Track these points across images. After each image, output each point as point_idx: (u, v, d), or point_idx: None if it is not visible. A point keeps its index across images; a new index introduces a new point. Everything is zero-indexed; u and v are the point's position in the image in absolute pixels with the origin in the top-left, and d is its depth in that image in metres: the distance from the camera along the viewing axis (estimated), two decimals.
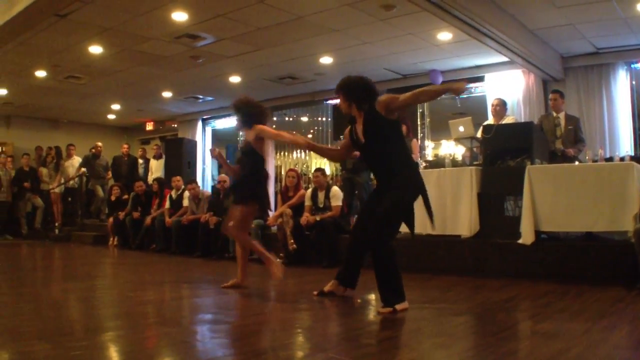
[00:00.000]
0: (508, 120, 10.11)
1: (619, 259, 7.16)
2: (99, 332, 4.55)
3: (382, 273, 5.49)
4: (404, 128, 11.08)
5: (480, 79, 13.52)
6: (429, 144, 15.04)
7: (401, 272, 5.51)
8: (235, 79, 14.87)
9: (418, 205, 5.99)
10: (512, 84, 12.97)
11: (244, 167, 7.03)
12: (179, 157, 16.18)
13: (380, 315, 5.25)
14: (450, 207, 8.67)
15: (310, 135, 17.23)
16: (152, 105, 18.39)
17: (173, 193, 12.88)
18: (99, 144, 17.26)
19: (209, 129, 20.12)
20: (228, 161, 7.64)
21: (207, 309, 6.07)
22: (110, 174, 17.19)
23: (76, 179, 16.69)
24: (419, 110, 14.70)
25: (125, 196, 14.59)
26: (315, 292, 6.36)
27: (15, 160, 17.42)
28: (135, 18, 10.18)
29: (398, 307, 5.34)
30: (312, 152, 17.05)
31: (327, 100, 15.81)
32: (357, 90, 5.82)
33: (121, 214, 13.81)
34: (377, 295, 5.61)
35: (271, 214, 10.32)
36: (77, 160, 16.97)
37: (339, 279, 6.22)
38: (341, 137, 6.84)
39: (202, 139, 19.82)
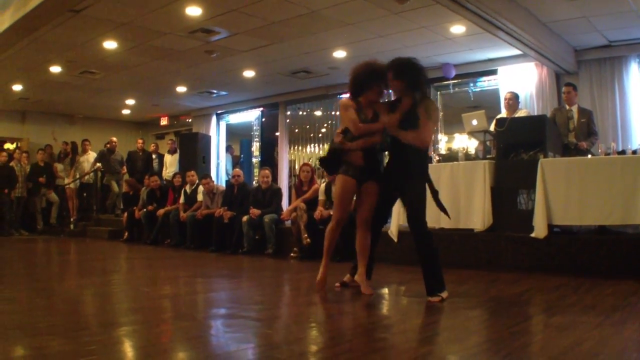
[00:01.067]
0: (521, 113, 10.09)
1: (632, 253, 7.16)
2: (113, 327, 4.58)
3: (428, 264, 5.81)
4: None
5: (493, 72, 13.47)
6: (442, 138, 15.01)
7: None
8: (249, 74, 14.88)
9: (430, 198, 6.05)
10: (525, 77, 12.91)
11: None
12: (194, 151, 16.18)
13: (430, 304, 5.45)
14: (463, 200, 8.68)
15: (323, 130, 17.22)
16: (167, 100, 18.43)
17: (187, 188, 12.93)
18: (114, 139, 17.30)
19: (223, 124, 20.12)
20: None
21: (221, 304, 6.11)
22: (125, 169, 17.26)
23: (91, 174, 16.76)
24: None
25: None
26: (337, 284, 6.44)
27: (30, 156, 17.49)
28: (149, 13, 10.21)
29: (444, 295, 5.61)
30: (325, 147, 17.14)
31: (341, 94, 15.78)
32: (419, 76, 6.01)
33: (136, 211, 13.94)
34: (391, 289, 5.62)
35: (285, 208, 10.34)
36: (92, 155, 17.06)
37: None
38: None
39: (217, 134, 19.82)
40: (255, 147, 19.24)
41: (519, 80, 12.89)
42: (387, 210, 6.68)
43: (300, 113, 18.07)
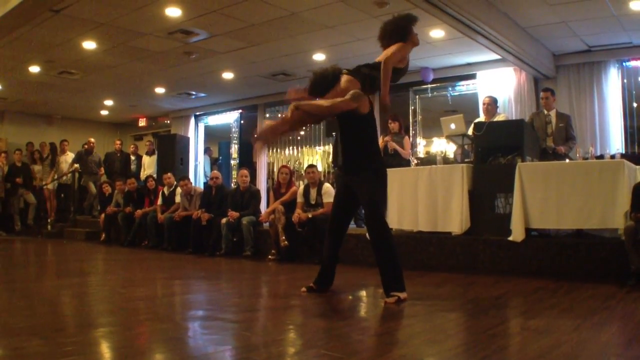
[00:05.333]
0: (499, 118, 10.15)
1: (610, 257, 7.21)
2: (91, 328, 4.55)
3: (385, 261, 5.75)
4: (396, 125, 11.20)
5: (472, 76, 13.55)
6: (420, 141, 15.04)
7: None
8: (228, 75, 14.87)
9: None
10: (503, 81, 12.99)
11: None
12: (172, 153, 16.11)
13: (386, 305, 5.46)
14: (441, 204, 8.70)
15: (302, 132, 17.21)
16: (145, 101, 18.39)
17: (165, 189, 12.88)
18: (92, 140, 17.22)
19: (201, 125, 20.09)
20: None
21: (199, 306, 6.09)
22: (102, 170, 17.15)
23: (69, 175, 16.67)
24: (411, 108, 14.72)
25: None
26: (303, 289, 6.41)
27: (8, 156, 17.35)
28: (129, 13, 10.18)
29: (402, 295, 5.59)
30: (303, 149, 17.14)
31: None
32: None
33: (109, 210, 13.92)
34: (368, 291, 5.63)
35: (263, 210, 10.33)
36: (70, 156, 16.96)
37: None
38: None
39: (195, 136, 19.80)
40: (234, 149, 19.21)
41: (498, 85, 12.97)
42: (348, 212, 6.64)
43: (279, 115, 18.04)
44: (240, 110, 18.53)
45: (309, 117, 6.09)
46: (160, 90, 16.68)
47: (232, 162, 19.22)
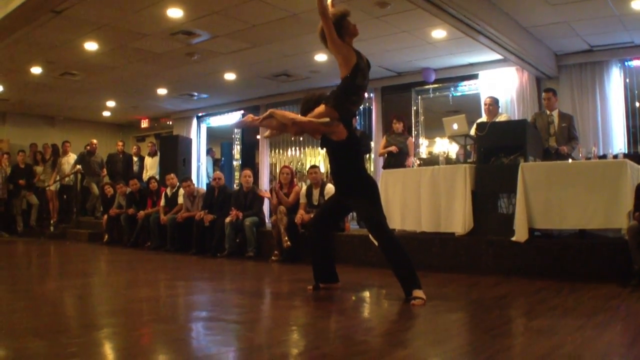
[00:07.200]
0: (501, 118, 10.14)
1: (613, 256, 7.19)
2: (94, 329, 4.56)
3: (400, 265, 5.86)
4: (400, 125, 11.21)
5: (474, 76, 13.53)
6: (423, 142, 15.05)
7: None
8: (230, 76, 14.87)
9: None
10: (505, 81, 12.97)
11: None
12: (174, 154, 16.11)
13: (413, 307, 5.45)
14: (444, 204, 8.69)
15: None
16: (147, 102, 18.38)
17: (168, 190, 12.88)
18: (94, 141, 17.21)
19: (204, 126, 20.08)
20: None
21: (202, 307, 6.09)
22: (105, 171, 17.15)
23: (71, 177, 16.67)
24: (414, 108, 14.72)
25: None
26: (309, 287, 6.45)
27: (11, 157, 17.36)
28: (130, 15, 10.18)
29: (421, 294, 5.64)
30: (306, 150, 17.17)
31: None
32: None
33: (112, 211, 13.93)
34: (372, 292, 5.62)
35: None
36: (72, 157, 16.96)
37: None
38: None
39: (197, 137, 19.78)
40: (236, 150, 19.23)
41: (500, 85, 12.95)
42: (335, 217, 7.05)
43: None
44: (242, 111, 18.48)
45: (284, 125, 6.39)
46: (162, 91, 16.67)
47: (235, 163, 19.24)
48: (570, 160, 8.81)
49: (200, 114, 19.81)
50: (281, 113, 6.33)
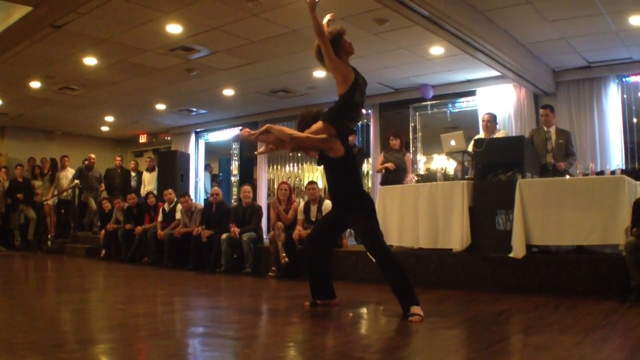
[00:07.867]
0: (499, 134, 10.15)
1: (611, 273, 7.19)
2: (91, 344, 4.55)
3: (397, 282, 5.87)
4: (397, 142, 11.23)
5: (472, 93, 13.56)
6: (420, 158, 15.04)
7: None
8: (228, 92, 14.89)
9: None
10: (503, 98, 12.99)
11: None
12: (172, 169, 16.11)
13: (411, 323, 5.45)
14: (441, 221, 8.68)
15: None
16: (146, 117, 18.39)
17: (165, 206, 12.87)
18: (92, 155, 17.20)
19: (202, 142, 20.09)
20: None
21: (199, 322, 6.09)
22: (103, 186, 17.13)
23: (69, 191, 16.67)
24: (411, 125, 14.74)
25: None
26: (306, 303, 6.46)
27: (9, 172, 17.37)
28: (130, 30, 10.20)
29: (419, 310, 5.64)
30: (304, 166, 17.18)
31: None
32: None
33: (110, 226, 13.90)
34: (369, 308, 5.61)
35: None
36: (70, 171, 16.93)
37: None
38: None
39: (195, 152, 19.79)
40: (234, 165, 19.23)
41: (498, 101, 12.97)
42: (332, 233, 7.31)
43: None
44: (240, 127, 18.46)
45: (281, 141, 6.36)
46: (161, 106, 16.69)
47: (233, 178, 19.25)
48: (567, 177, 8.82)
49: (198, 130, 19.82)
50: (279, 128, 6.33)
